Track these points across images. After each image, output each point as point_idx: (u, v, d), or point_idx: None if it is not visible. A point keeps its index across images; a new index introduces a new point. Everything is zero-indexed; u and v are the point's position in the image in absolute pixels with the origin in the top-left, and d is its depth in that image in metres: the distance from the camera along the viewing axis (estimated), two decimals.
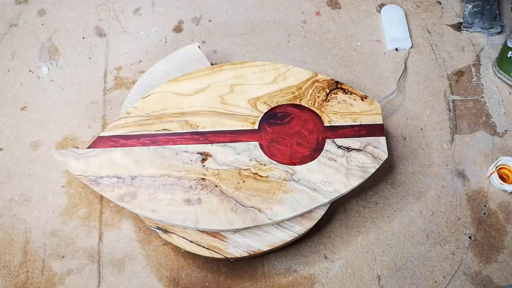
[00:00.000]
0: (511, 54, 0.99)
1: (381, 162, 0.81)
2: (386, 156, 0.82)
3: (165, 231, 0.79)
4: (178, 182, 0.79)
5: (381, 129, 0.84)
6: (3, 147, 0.96)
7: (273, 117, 0.85)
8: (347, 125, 0.84)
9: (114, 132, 0.83)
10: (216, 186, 0.78)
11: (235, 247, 0.78)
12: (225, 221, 0.76)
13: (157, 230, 0.79)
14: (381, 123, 0.85)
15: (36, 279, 0.85)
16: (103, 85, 1.03)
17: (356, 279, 0.87)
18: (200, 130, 0.83)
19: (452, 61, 1.08)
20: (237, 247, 0.78)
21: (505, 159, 0.94)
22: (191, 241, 0.78)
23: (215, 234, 0.79)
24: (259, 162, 0.81)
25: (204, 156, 0.81)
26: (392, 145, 0.98)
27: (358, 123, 0.84)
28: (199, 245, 0.78)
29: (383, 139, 0.83)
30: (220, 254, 0.77)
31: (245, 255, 0.77)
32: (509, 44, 0.98)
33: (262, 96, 0.86)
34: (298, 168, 0.80)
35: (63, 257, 0.87)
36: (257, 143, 0.82)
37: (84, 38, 1.08)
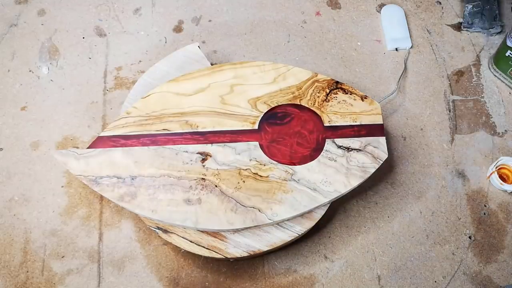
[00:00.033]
0: (509, 53, 0.99)
1: (381, 162, 0.81)
2: (386, 156, 0.82)
3: (165, 231, 0.79)
4: (178, 182, 0.79)
5: (381, 129, 0.84)
6: (3, 147, 0.96)
7: (273, 117, 0.85)
8: (347, 125, 0.84)
9: (114, 132, 0.83)
10: (216, 186, 0.78)
11: (235, 247, 0.78)
12: (225, 221, 0.76)
13: (157, 230, 0.79)
14: (381, 123, 0.85)
15: (36, 279, 0.85)
16: (103, 85, 1.03)
17: (356, 279, 0.87)
18: (200, 130, 0.83)
19: (452, 61, 1.08)
20: (237, 247, 0.78)
21: (505, 159, 0.94)
22: (191, 241, 0.78)
23: (215, 234, 0.79)
24: (259, 162, 0.81)
25: (204, 156, 0.81)
26: (392, 145, 0.98)
27: (358, 123, 0.84)
28: (199, 245, 0.78)
29: (383, 139, 0.83)
30: (220, 254, 0.77)
31: (245, 255, 0.77)
32: (509, 43, 0.98)
33: (262, 96, 0.86)
34: (298, 168, 0.80)
35: (63, 257, 0.87)
36: (257, 143, 0.82)
37: (84, 38, 1.08)
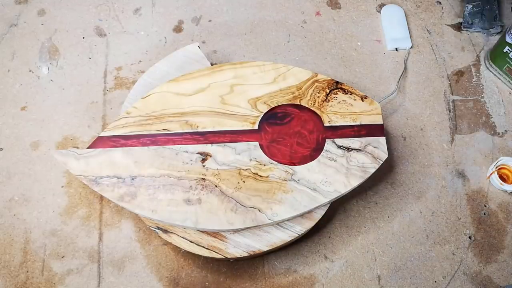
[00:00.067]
0: (507, 49, 0.99)
1: (381, 162, 0.81)
2: (386, 156, 0.82)
3: (165, 231, 0.79)
4: (178, 182, 0.79)
5: (381, 129, 0.84)
6: (3, 147, 0.96)
7: (273, 117, 0.85)
8: (347, 125, 0.84)
9: (114, 132, 0.83)
10: (216, 186, 0.78)
11: (235, 247, 0.78)
12: (225, 221, 0.76)
13: (157, 230, 0.79)
14: (381, 123, 0.85)
15: (36, 279, 0.85)
16: (103, 85, 1.03)
17: (356, 279, 0.87)
18: (200, 130, 0.83)
19: (452, 61, 1.08)
20: (237, 247, 0.78)
21: (505, 159, 0.94)
22: (191, 241, 0.78)
23: (215, 234, 0.79)
24: (259, 162, 0.81)
25: (204, 156, 0.81)
26: (392, 145, 0.98)
27: (358, 123, 0.84)
28: (199, 245, 0.78)
29: (383, 139, 0.83)
30: (220, 254, 0.77)
31: (245, 255, 0.77)
32: (508, 40, 0.98)
33: (262, 96, 0.86)
34: (298, 168, 0.80)
35: (63, 257, 0.87)
36: (257, 143, 0.82)
37: (84, 38, 1.08)
